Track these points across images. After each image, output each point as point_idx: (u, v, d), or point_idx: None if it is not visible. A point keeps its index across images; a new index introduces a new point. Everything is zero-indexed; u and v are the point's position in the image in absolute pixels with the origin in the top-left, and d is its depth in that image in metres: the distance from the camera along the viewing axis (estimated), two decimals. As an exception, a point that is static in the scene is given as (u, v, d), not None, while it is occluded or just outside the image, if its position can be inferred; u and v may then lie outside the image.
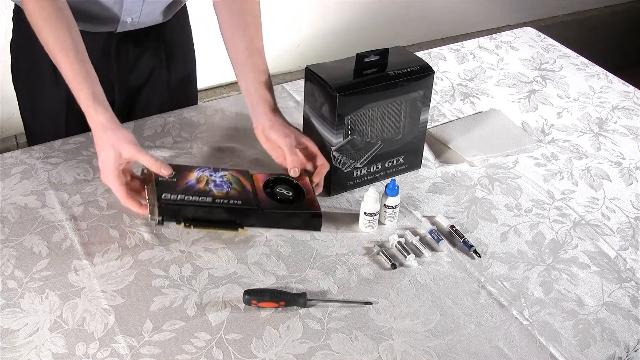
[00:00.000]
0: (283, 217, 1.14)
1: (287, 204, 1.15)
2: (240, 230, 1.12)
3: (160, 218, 1.07)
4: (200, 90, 1.64)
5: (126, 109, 1.44)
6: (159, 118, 1.41)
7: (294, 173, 1.17)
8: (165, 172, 1.10)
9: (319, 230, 1.16)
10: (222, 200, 1.11)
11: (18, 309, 1.00)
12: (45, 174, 1.25)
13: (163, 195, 1.08)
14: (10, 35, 1.37)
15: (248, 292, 1.02)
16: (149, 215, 1.09)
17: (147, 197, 1.11)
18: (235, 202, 1.11)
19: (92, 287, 1.04)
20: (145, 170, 1.14)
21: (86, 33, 1.27)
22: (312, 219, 1.16)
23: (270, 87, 1.24)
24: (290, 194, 1.16)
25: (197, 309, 1.02)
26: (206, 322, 1.00)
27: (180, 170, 1.13)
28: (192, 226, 1.10)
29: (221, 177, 1.14)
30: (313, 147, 1.19)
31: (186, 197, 1.09)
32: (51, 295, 1.03)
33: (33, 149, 1.31)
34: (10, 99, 1.42)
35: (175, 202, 1.08)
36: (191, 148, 1.33)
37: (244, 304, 1.02)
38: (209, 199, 1.10)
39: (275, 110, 1.22)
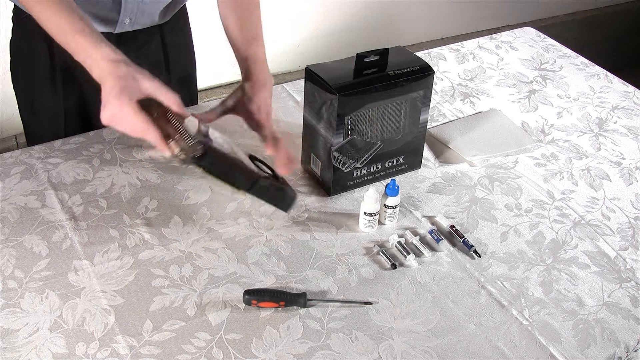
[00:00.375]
0: (273, 189, 1.11)
1: (275, 180, 1.13)
2: (242, 192, 1.09)
3: (197, 154, 1.01)
4: (200, 90, 1.64)
5: None
6: (159, 118, 1.41)
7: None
8: (186, 113, 1.03)
9: (287, 212, 1.14)
10: (236, 159, 1.08)
11: (18, 309, 1.00)
12: (45, 174, 1.25)
13: (192, 135, 1.02)
14: (10, 35, 1.37)
15: (248, 292, 1.02)
16: (179, 152, 1.01)
17: (171, 135, 1.03)
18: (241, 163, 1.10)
19: (92, 287, 1.04)
20: (155, 114, 1.04)
21: None
22: (288, 200, 1.13)
23: (262, 60, 1.22)
24: (270, 172, 1.15)
25: (197, 309, 1.02)
26: (206, 322, 1.00)
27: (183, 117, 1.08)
28: (205, 171, 1.05)
29: (221, 138, 1.11)
30: (265, 120, 1.17)
31: (208, 143, 1.05)
32: (51, 295, 1.03)
33: (33, 149, 1.31)
34: (10, 99, 1.43)
35: (204, 143, 1.03)
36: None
37: (244, 304, 1.02)
38: (226, 152, 1.07)
39: (247, 80, 1.20)
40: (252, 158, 1.17)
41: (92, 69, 1.01)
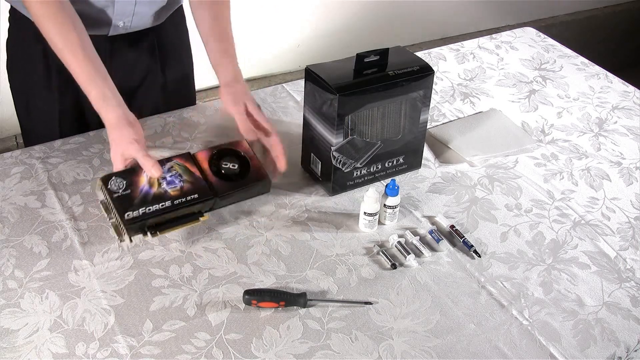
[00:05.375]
0: (237, 193, 1.18)
1: (237, 180, 1.18)
2: (201, 218, 1.14)
3: (128, 238, 1.08)
4: (200, 91, 1.64)
5: None
6: (158, 118, 1.41)
7: (251, 135, 1.22)
8: (155, 173, 1.10)
9: (269, 191, 1.22)
10: (180, 200, 1.11)
11: (18, 309, 1.00)
12: (45, 174, 1.25)
13: (126, 215, 1.08)
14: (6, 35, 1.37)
15: (248, 292, 1.02)
16: (117, 237, 1.10)
17: (110, 218, 1.11)
18: (192, 196, 1.12)
19: (92, 287, 1.04)
20: (102, 198, 1.13)
21: None
22: (262, 186, 1.21)
23: (232, 56, 1.29)
24: (236, 166, 1.19)
25: (197, 309, 1.02)
26: (206, 322, 1.00)
27: (128, 177, 1.11)
28: (157, 233, 1.10)
29: (169, 170, 1.14)
30: (263, 122, 1.24)
31: (147, 209, 1.09)
32: (51, 295, 1.03)
33: (33, 149, 1.31)
34: (10, 99, 1.43)
35: (140, 219, 1.08)
36: (191, 148, 1.33)
37: (244, 304, 1.02)
38: (168, 203, 1.10)
39: (235, 79, 1.26)
40: (212, 160, 1.19)
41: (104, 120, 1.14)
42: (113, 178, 1.11)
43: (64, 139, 1.34)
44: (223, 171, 1.18)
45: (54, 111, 1.37)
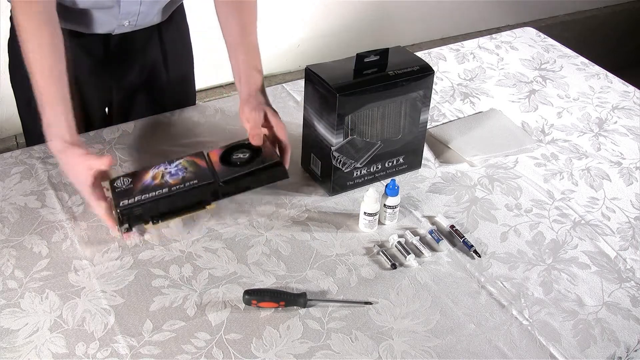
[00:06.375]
0: (244, 178, 1.13)
1: (245, 166, 1.14)
2: (208, 207, 1.12)
3: (127, 225, 1.08)
4: (200, 91, 1.64)
5: (123, 109, 1.44)
6: (159, 118, 1.41)
7: (257, 140, 1.17)
8: (105, 161, 1.08)
9: (287, 177, 1.16)
10: (178, 186, 1.10)
11: (18, 309, 1.00)
12: (45, 174, 1.25)
13: (121, 203, 1.08)
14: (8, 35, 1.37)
15: (248, 292, 1.02)
16: (118, 228, 1.09)
17: (112, 210, 1.11)
18: (192, 182, 1.11)
19: (92, 287, 1.04)
20: (106, 188, 1.14)
21: (83, 34, 1.27)
22: (275, 170, 1.15)
23: (259, 70, 1.26)
24: (247, 155, 1.16)
25: (197, 309, 1.02)
26: (206, 322, 1.00)
27: (136, 175, 1.13)
28: (159, 221, 1.09)
29: (176, 166, 1.14)
30: (279, 130, 1.20)
31: (143, 196, 1.09)
32: (51, 295, 1.03)
33: (33, 149, 1.31)
34: (11, 99, 1.42)
35: (134, 205, 1.08)
36: (191, 148, 1.33)
37: (244, 304, 1.02)
38: (165, 190, 1.10)
39: (260, 90, 1.24)
40: (224, 154, 1.17)
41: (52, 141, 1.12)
42: (120, 178, 1.12)
43: (64, 139, 1.34)
44: (236, 162, 1.15)
45: None
